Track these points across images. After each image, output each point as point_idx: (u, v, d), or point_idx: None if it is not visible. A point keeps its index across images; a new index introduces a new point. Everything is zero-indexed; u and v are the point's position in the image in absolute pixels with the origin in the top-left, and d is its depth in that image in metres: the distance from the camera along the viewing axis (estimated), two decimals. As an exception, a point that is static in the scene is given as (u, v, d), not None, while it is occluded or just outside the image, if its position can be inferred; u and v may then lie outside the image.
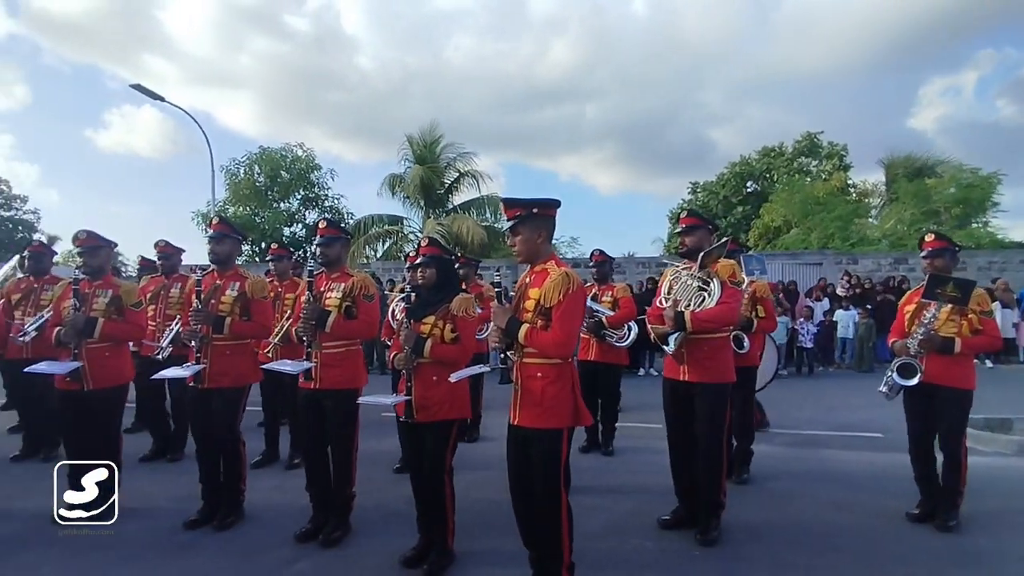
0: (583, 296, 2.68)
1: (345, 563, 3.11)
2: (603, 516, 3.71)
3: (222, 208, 19.14)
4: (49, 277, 5.20)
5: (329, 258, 3.47)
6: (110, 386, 3.75)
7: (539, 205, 2.66)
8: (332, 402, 3.34)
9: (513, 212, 2.66)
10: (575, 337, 2.65)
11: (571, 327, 2.57)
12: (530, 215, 2.64)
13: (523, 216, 2.64)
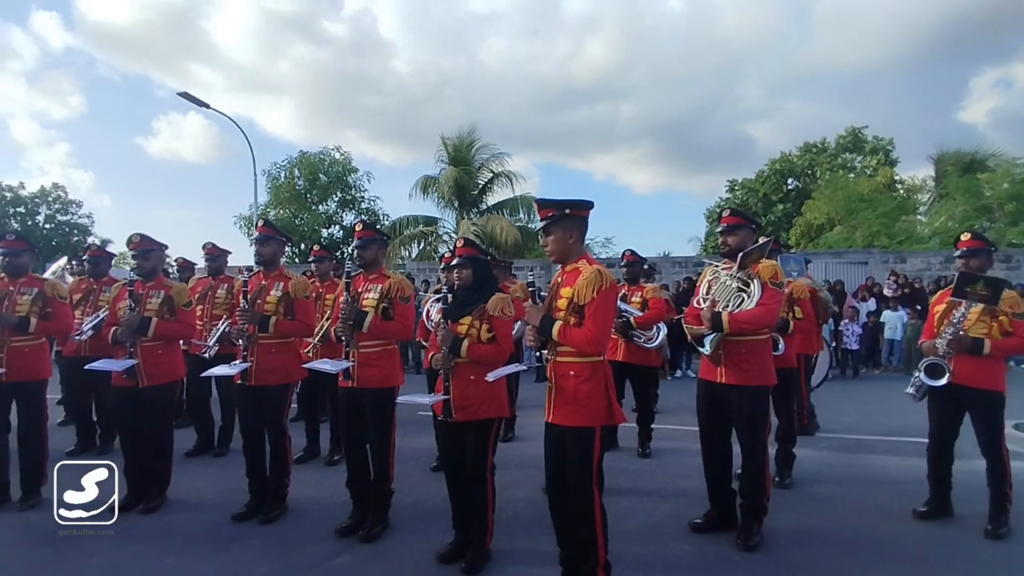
0: (615, 294, 2.69)
1: (384, 558, 3.16)
2: (641, 519, 3.68)
3: (264, 211, 19.69)
4: (107, 279, 5.45)
5: (366, 259, 3.53)
6: (163, 383, 3.91)
7: (571, 206, 2.68)
8: (370, 400, 3.40)
9: (546, 212, 2.69)
10: (608, 334, 2.66)
11: (604, 324, 2.58)
12: (563, 215, 2.66)
13: (556, 216, 2.67)
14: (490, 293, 3.12)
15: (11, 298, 3.86)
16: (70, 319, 4.38)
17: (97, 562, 3.14)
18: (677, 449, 5.24)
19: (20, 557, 3.20)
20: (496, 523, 3.16)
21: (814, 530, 3.53)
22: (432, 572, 3.01)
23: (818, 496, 4.12)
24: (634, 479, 4.45)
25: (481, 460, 3.04)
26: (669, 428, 5.98)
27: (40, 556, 3.21)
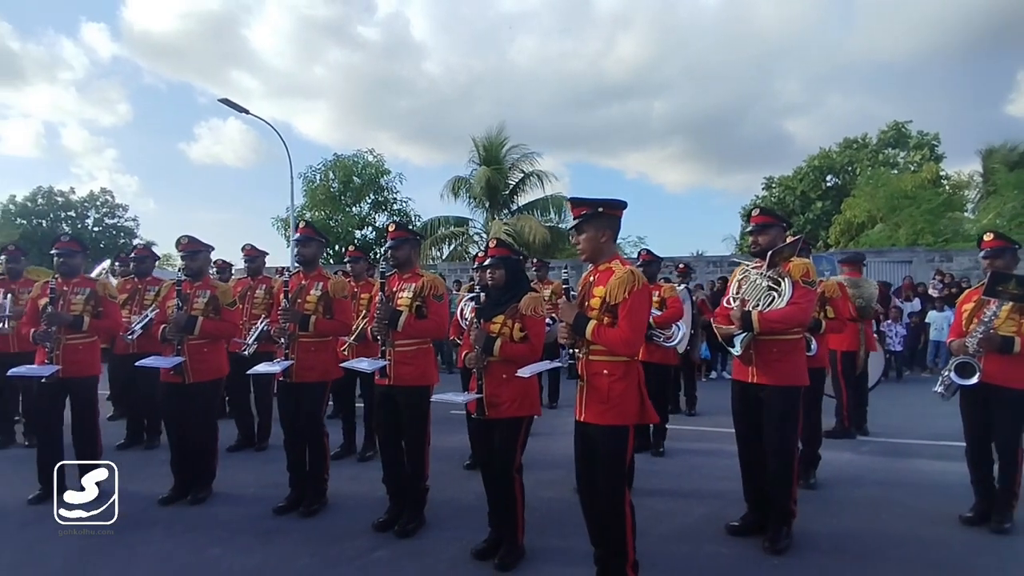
0: (648, 294, 2.67)
1: (420, 554, 3.21)
2: (677, 521, 3.65)
3: (300, 213, 20.13)
4: (151, 278, 5.66)
5: (399, 259, 3.59)
6: (208, 379, 4.05)
7: (605, 205, 2.68)
8: (405, 398, 3.45)
9: (579, 211, 2.69)
10: (642, 334, 2.65)
11: (638, 324, 2.57)
12: (596, 214, 2.66)
13: (589, 215, 2.67)
14: (522, 292, 3.14)
15: (65, 298, 4.04)
16: (120, 318, 4.57)
17: (150, 550, 3.28)
18: (713, 451, 5.18)
19: (76, 545, 3.35)
20: (529, 522, 3.17)
21: (856, 535, 3.45)
22: (467, 568, 3.05)
23: (861, 501, 4.02)
24: (669, 480, 4.41)
25: (509, 457, 3.06)
26: (704, 430, 5.91)
27: (95, 544, 3.36)
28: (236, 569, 3.07)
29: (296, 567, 3.08)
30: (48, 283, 4.05)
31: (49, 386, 3.91)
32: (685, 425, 6.24)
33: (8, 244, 5.80)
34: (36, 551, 3.26)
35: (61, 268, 4.11)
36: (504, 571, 2.98)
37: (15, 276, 5.52)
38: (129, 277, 5.77)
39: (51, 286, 3.98)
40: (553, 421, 5.71)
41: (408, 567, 3.07)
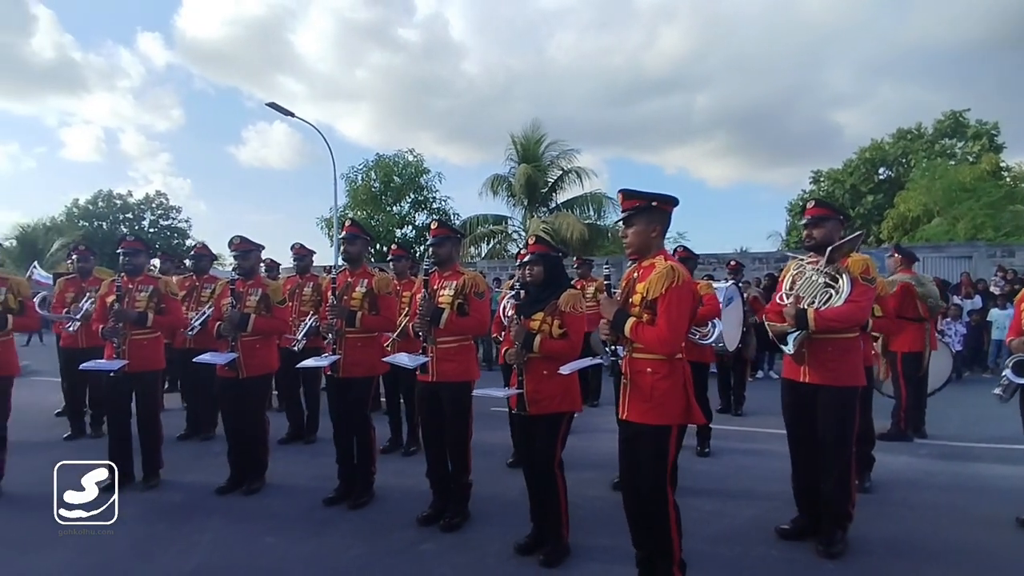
0: (690, 291, 2.57)
1: (466, 547, 3.26)
2: (725, 522, 3.59)
3: (343, 213, 20.59)
4: (208, 276, 5.91)
5: (440, 257, 3.63)
6: (259, 374, 4.21)
7: (659, 199, 2.62)
8: (447, 394, 3.49)
9: (631, 203, 2.63)
10: (682, 333, 2.54)
11: (677, 322, 2.47)
12: (648, 207, 2.61)
13: (641, 208, 2.61)
14: (562, 289, 3.14)
15: (131, 295, 4.24)
16: (182, 314, 4.78)
17: (209, 537, 3.43)
18: (761, 451, 5.07)
19: (143, 531, 3.54)
20: (575, 520, 3.17)
21: (913, 540, 3.33)
22: (514, 562, 3.07)
23: (918, 505, 3.87)
24: (716, 481, 4.34)
25: (549, 453, 3.06)
26: (752, 430, 5.79)
27: (158, 530, 3.55)
28: (291, 557, 3.18)
29: (347, 557, 3.17)
30: (115, 281, 4.26)
31: (117, 380, 4.13)
32: (731, 425, 6.11)
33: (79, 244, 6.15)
34: (99, 539, 3.41)
35: (126, 267, 4.31)
36: (549, 567, 3.00)
37: (85, 275, 5.86)
38: (188, 275, 6.03)
39: (118, 284, 4.19)
40: (594, 420, 5.69)
41: (456, 560, 3.12)
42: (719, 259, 13.11)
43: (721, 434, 5.42)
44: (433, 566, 3.07)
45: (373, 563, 3.11)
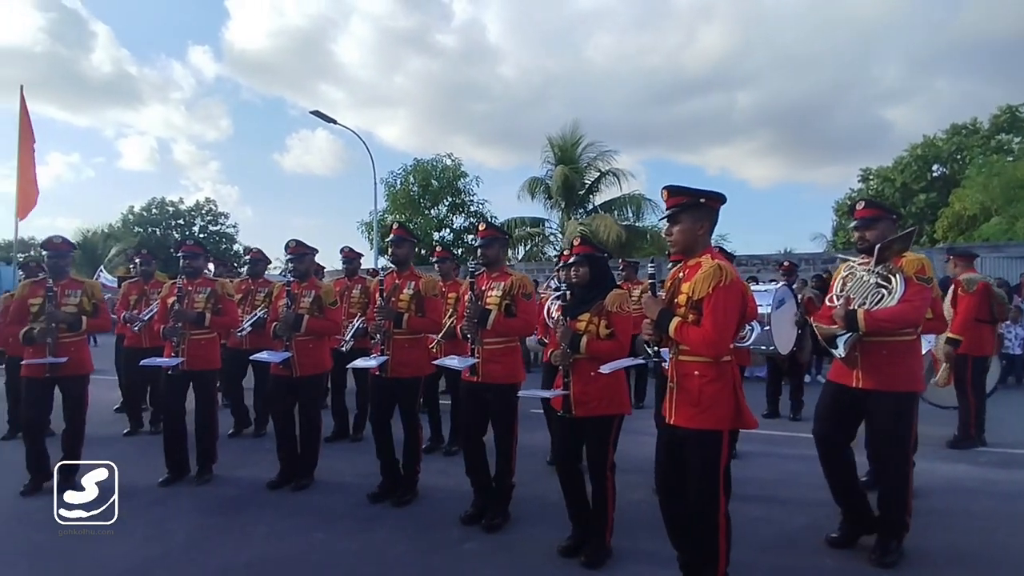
0: (738, 291, 2.47)
1: (508, 547, 3.28)
2: (775, 529, 3.51)
3: (382, 217, 20.97)
4: (261, 280, 6.13)
5: (489, 258, 3.66)
6: (313, 373, 4.34)
7: (707, 196, 2.54)
8: (494, 395, 3.52)
9: (677, 200, 2.55)
10: (729, 335, 2.45)
11: (724, 323, 2.37)
12: (696, 204, 2.53)
13: (688, 205, 2.53)
14: (607, 289, 3.13)
15: (190, 296, 4.43)
16: (237, 315, 4.97)
17: (262, 531, 3.55)
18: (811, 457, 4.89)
19: (199, 523, 3.70)
20: (618, 522, 3.16)
21: (972, 550, 3.20)
22: (555, 563, 3.08)
23: (978, 514, 3.72)
24: (763, 487, 4.25)
25: (602, 457, 3.05)
26: (800, 436, 5.63)
27: (214, 523, 3.70)
28: (339, 552, 3.26)
29: (393, 553, 3.24)
30: (175, 283, 4.47)
31: (174, 377, 4.32)
32: (778, 430, 5.96)
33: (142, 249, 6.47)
34: (163, 527, 3.61)
35: (186, 270, 4.51)
36: (592, 568, 2.99)
37: (147, 278, 6.20)
38: (244, 279, 6.29)
39: (178, 286, 4.39)
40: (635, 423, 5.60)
41: (499, 560, 3.15)
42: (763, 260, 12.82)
43: (767, 439, 5.31)
44: (477, 565, 3.10)
45: (418, 560, 3.16)
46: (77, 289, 4.39)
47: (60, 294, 4.26)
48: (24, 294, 4.34)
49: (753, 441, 5.18)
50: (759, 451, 5.04)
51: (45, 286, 4.23)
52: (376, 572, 3.04)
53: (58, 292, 4.25)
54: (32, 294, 4.30)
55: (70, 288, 4.36)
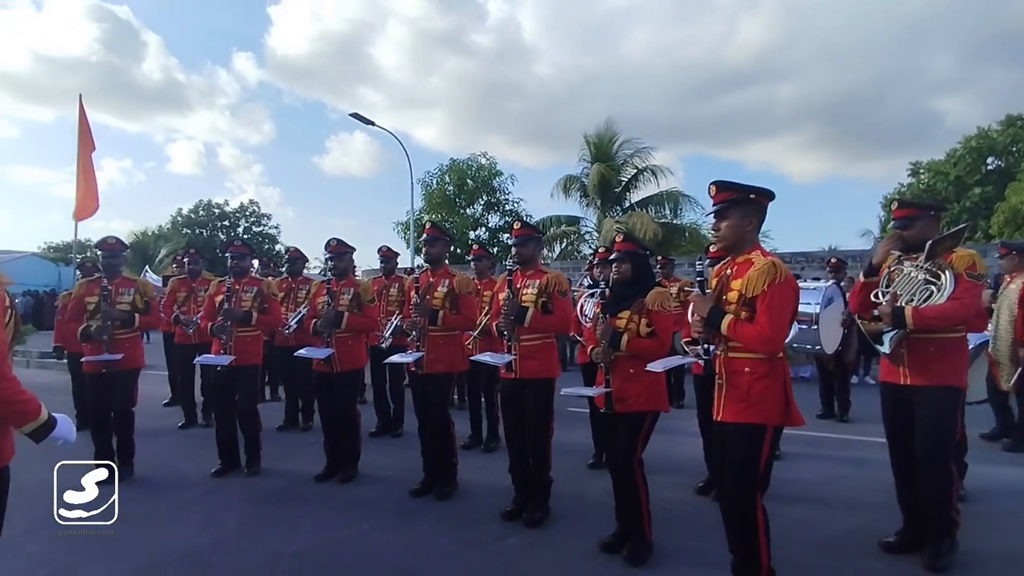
0: (793, 288, 2.46)
1: (550, 543, 3.30)
2: (824, 532, 3.42)
3: (418, 217, 21.23)
4: (302, 278, 6.31)
5: (524, 256, 3.69)
6: (351, 369, 4.45)
7: (757, 192, 2.52)
8: (531, 391, 3.55)
9: (725, 195, 2.54)
10: (784, 331, 2.44)
11: (779, 320, 2.37)
12: (745, 200, 2.51)
13: (736, 200, 2.52)
14: (649, 287, 3.12)
15: (237, 295, 4.59)
16: (280, 313, 5.14)
17: (310, 521, 3.66)
18: (859, 460, 4.80)
19: (250, 513, 3.84)
20: (661, 522, 3.14)
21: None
22: (598, 560, 3.08)
23: (1038, 520, 3.55)
24: (810, 489, 4.14)
25: (630, 450, 3.04)
26: (847, 438, 5.50)
27: (264, 513, 3.83)
28: (383, 543, 3.34)
29: (436, 547, 3.29)
30: (223, 282, 4.64)
31: (223, 373, 4.49)
32: (826, 432, 5.81)
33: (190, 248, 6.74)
34: (216, 516, 3.76)
35: (234, 269, 4.68)
36: (634, 564, 2.98)
37: (195, 276, 6.46)
38: (284, 278, 6.47)
39: (227, 285, 4.56)
40: (674, 422, 5.58)
41: (540, 555, 3.16)
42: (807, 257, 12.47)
43: (813, 441, 5.19)
44: (519, 560, 3.12)
45: (461, 554, 3.21)
46: (130, 287, 4.62)
47: (114, 292, 4.49)
48: (81, 293, 4.59)
49: (801, 443, 5.07)
50: (806, 453, 4.92)
51: (100, 285, 4.46)
52: (421, 564, 3.10)
53: (112, 291, 4.47)
54: (88, 292, 4.54)
55: (123, 287, 4.59)
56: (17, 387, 1.72)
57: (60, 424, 1.85)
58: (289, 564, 3.10)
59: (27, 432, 1.76)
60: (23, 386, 1.75)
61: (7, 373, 1.70)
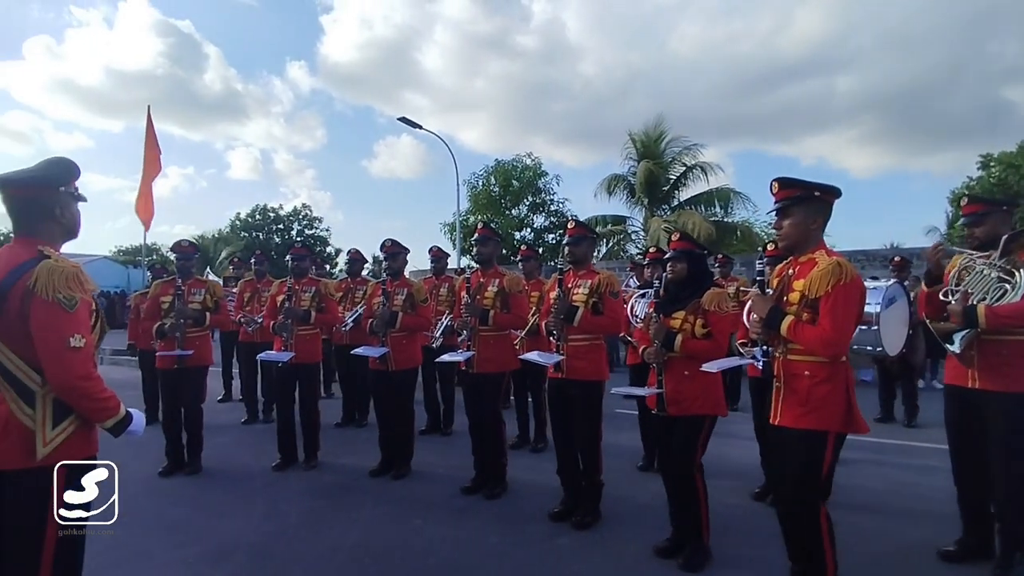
0: (859, 290, 2.35)
1: (602, 546, 3.28)
2: (887, 542, 3.29)
3: (464, 218, 21.44)
4: (360, 279, 6.49)
5: (576, 256, 3.67)
6: (406, 368, 4.54)
7: (822, 189, 2.44)
8: (579, 392, 3.52)
9: (788, 192, 2.46)
10: (848, 334, 2.34)
11: (843, 322, 2.26)
12: (809, 197, 2.43)
13: (800, 197, 2.44)
14: (704, 287, 3.06)
15: (297, 295, 4.77)
16: (338, 312, 5.30)
17: (365, 515, 3.77)
18: (924, 468, 4.58)
19: (308, 505, 3.98)
20: (717, 528, 3.08)
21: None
22: (651, 564, 3.05)
23: None
24: (874, 497, 3.99)
25: (689, 455, 2.98)
26: (911, 444, 5.25)
27: (322, 505, 3.97)
28: (436, 539, 3.40)
29: (488, 544, 3.33)
30: (285, 282, 4.83)
31: (284, 370, 4.68)
32: (889, 439, 5.56)
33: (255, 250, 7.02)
34: (278, 507, 3.92)
35: (295, 270, 4.86)
36: (691, 572, 2.94)
37: (260, 276, 6.77)
38: (344, 279, 6.68)
39: (288, 285, 4.74)
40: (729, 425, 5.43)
41: (592, 556, 3.15)
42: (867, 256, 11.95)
43: (878, 447, 4.99)
44: (571, 561, 3.12)
45: (513, 552, 3.23)
46: (201, 288, 4.88)
47: (187, 292, 4.74)
48: (157, 292, 4.88)
49: (863, 449, 4.87)
50: (869, 459, 4.73)
51: (175, 285, 4.72)
52: (473, 561, 3.14)
53: (185, 290, 4.73)
54: (163, 292, 4.82)
55: (195, 287, 4.86)
56: (100, 386, 1.83)
57: (135, 419, 1.97)
58: (347, 556, 3.20)
59: (107, 427, 1.88)
60: (105, 384, 1.87)
61: (92, 372, 1.81)
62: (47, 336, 1.72)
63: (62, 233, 1.93)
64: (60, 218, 1.90)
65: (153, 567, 3.09)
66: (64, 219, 1.91)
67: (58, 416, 1.79)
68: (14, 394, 1.76)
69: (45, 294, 1.72)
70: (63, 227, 1.92)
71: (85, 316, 1.82)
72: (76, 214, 1.96)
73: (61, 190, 1.89)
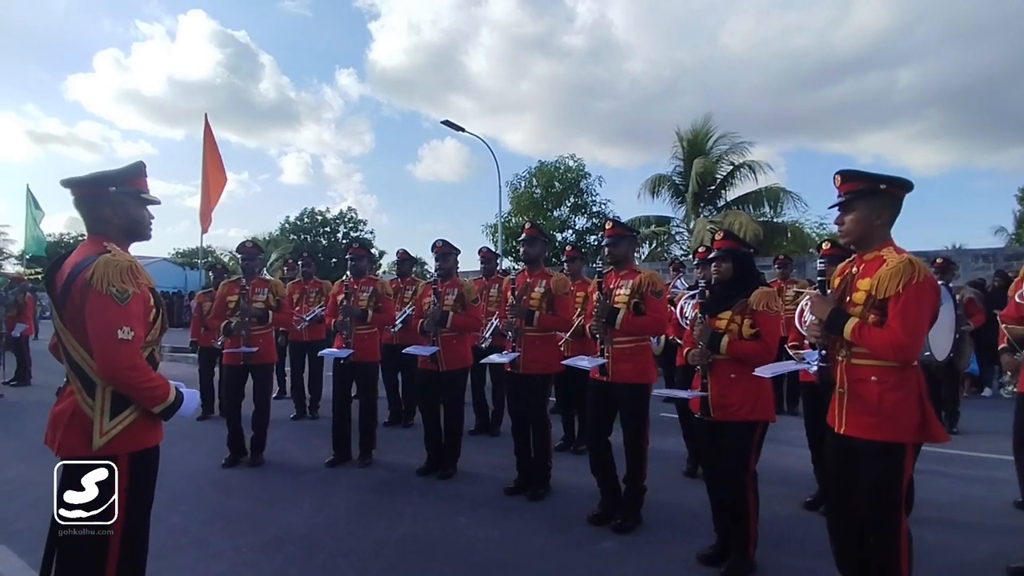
0: (932, 290, 2.18)
1: (646, 551, 3.25)
2: (953, 556, 3.15)
3: (506, 220, 21.52)
4: (409, 279, 6.61)
5: (616, 256, 3.63)
6: (457, 368, 4.58)
7: (888, 182, 2.26)
8: (624, 395, 3.48)
9: (852, 186, 2.30)
10: (920, 337, 2.18)
11: (915, 326, 2.11)
12: (875, 191, 2.27)
13: (864, 191, 2.27)
14: (752, 287, 2.97)
15: (355, 294, 4.89)
16: (394, 312, 5.38)
17: (411, 511, 3.85)
18: (990, 479, 4.34)
19: (357, 499, 4.10)
20: (767, 538, 3.01)
21: None
22: (696, 571, 3.00)
23: None
24: (937, 510, 3.80)
25: (741, 464, 2.89)
26: (980, 456, 4.98)
27: (369, 501, 4.07)
28: (481, 538, 3.44)
29: (532, 545, 3.34)
30: (343, 282, 4.96)
31: (342, 367, 4.81)
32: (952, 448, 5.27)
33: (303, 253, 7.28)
34: (327, 501, 4.04)
35: (352, 270, 5.00)
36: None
37: (307, 278, 7.00)
38: (395, 279, 6.83)
39: (346, 284, 4.87)
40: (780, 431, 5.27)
41: (638, 561, 3.13)
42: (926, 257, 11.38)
43: (941, 458, 4.74)
44: (616, 565, 3.10)
45: (557, 554, 3.23)
46: (264, 288, 5.09)
47: (251, 292, 4.95)
48: (223, 292, 5.10)
49: (925, 459, 4.58)
50: (931, 470, 4.49)
51: (240, 285, 4.93)
52: (517, 561, 3.16)
53: (249, 290, 4.93)
54: (230, 292, 5.04)
55: (259, 287, 5.07)
56: (147, 375, 1.88)
57: (185, 399, 2.01)
58: (393, 551, 3.27)
59: (157, 412, 1.94)
60: (153, 372, 1.93)
61: (138, 363, 1.85)
62: (97, 327, 1.78)
63: (120, 232, 1.97)
64: (114, 217, 1.94)
65: (211, 554, 3.23)
66: (118, 218, 1.95)
67: (116, 407, 1.85)
68: (79, 384, 1.85)
69: (100, 287, 1.78)
70: (118, 226, 1.96)
71: (138, 309, 1.87)
72: (134, 214, 1.99)
73: (112, 190, 1.93)
